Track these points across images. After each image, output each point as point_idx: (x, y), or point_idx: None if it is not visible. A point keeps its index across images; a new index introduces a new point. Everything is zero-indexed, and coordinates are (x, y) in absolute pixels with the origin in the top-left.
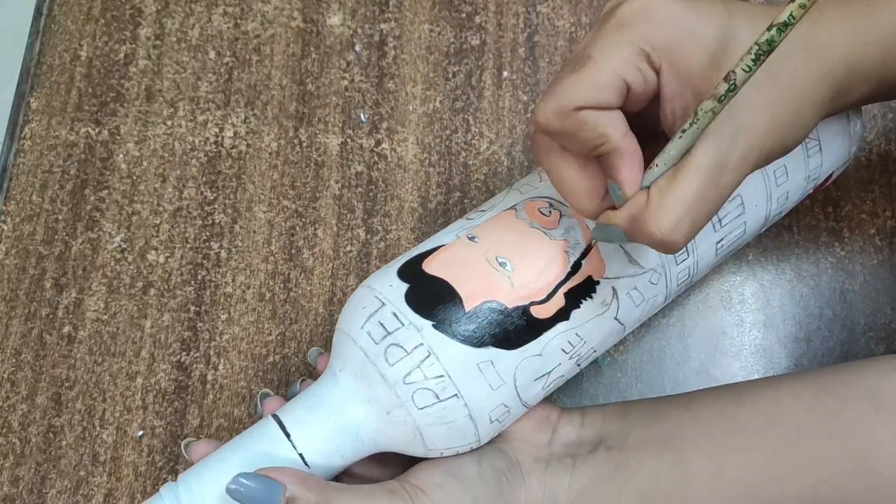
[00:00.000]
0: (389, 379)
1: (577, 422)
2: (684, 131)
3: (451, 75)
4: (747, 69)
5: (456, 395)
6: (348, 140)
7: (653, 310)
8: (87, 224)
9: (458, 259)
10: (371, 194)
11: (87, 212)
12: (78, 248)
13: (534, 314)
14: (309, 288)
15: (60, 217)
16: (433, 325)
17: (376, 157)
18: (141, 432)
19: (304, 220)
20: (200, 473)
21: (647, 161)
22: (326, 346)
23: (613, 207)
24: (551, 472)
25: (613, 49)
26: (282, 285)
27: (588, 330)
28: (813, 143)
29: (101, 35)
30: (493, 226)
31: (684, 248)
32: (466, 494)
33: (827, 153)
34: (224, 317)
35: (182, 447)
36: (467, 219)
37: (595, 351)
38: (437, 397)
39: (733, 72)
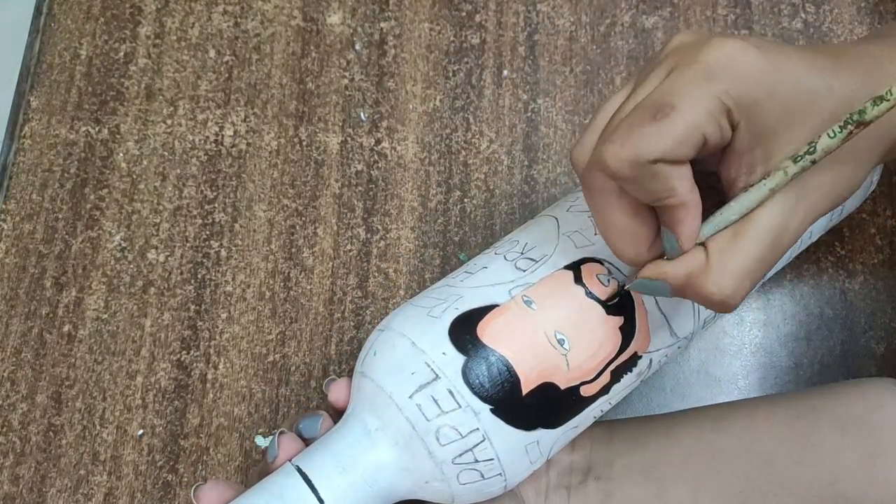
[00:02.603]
0: (437, 457)
1: (568, 447)
2: (750, 187)
3: (451, 74)
4: (832, 135)
5: (500, 474)
6: (348, 139)
7: None
8: (87, 223)
9: (516, 330)
10: (371, 193)
11: (87, 210)
12: (78, 247)
13: (582, 393)
14: (309, 287)
15: (60, 216)
16: (491, 410)
17: (376, 156)
18: (141, 431)
19: (304, 218)
20: None
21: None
22: (326, 345)
23: (659, 256)
24: None
25: (698, 101)
26: (282, 284)
27: (619, 396)
28: None
29: (100, 34)
30: (550, 290)
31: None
32: None
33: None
34: (224, 315)
35: (192, 493)
36: (516, 266)
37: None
38: (482, 476)
39: (818, 136)
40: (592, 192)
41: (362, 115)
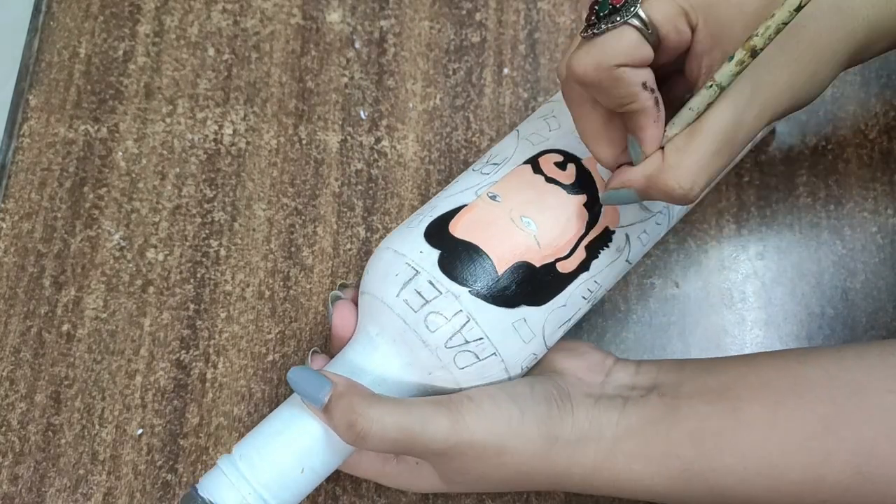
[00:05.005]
0: (431, 344)
1: (632, 370)
2: (702, 91)
3: (451, 72)
4: (770, 37)
5: (494, 353)
6: (348, 137)
7: (654, 243)
8: (86, 222)
9: (483, 220)
10: (371, 192)
11: (86, 209)
12: (77, 246)
13: (559, 269)
14: (308, 286)
15: (59, 215)
16: (469, 292)
17: (376, 155)
18: (140, 430)
19: (303, 217)
20: (256, 445)
21: (668, 118)
22: (326, 345)
23: (629, 163)
24: (600, 408)
25: (656, 6)
26: (281, 283)
27: (604, 275)
28: None
29: (99, 32)
30: (511, 183)
31: None
32: (515, 407)
33: None
34: (223, 315)
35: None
36: (482, 172)
37: (606, 290)
38: (477, 357)
39: (755, 35)
40: (571, 101)
41: (362, 113)
